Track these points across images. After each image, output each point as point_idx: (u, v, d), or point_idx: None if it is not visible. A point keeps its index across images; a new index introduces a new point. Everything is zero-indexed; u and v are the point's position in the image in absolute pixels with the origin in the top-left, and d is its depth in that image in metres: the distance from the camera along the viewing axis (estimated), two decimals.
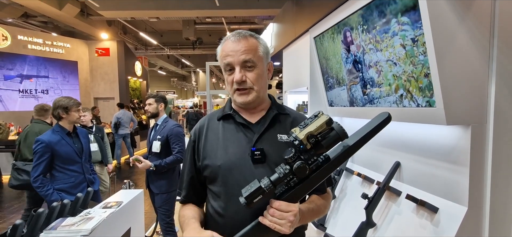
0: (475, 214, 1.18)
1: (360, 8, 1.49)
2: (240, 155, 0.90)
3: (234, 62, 0.88)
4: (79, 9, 7.76)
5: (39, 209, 1.56)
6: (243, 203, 0.74)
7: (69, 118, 2.38)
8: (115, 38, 9.61)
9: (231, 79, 0.91)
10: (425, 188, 1.40)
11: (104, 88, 9.35)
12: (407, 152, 1.52)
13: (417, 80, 1.23)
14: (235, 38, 0.90)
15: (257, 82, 0.91)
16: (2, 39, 7.34)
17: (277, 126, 0.95)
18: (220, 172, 0.91)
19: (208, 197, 0.98)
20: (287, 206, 0.76)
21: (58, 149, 2.31)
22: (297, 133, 0.74)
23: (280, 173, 0.75)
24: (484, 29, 1.12)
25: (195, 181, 0.99)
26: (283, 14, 3.60)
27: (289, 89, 3.46)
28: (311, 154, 0.75)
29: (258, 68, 0.90)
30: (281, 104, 1.04)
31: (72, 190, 2.38)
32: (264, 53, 0.93)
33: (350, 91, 1.78)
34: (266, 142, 0.91)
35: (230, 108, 1.00)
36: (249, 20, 9.57)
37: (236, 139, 0.93)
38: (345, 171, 2.05)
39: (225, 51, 0.90)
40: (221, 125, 0.98)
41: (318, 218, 1.00)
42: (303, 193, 0.79)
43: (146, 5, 7.39)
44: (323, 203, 0.97)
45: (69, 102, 2.37)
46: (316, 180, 0.78)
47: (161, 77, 21.62)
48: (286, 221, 0.76)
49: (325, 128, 0.73)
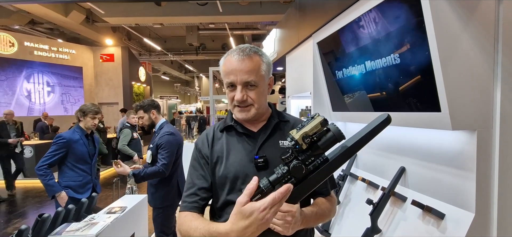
0: (483, 220, 1.16)
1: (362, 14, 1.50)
2: (244, 163, 0.92)
3: (236, 82, 0.89)
4: (84, 15, 7.89)
5: (45, 214, 1.57)
6: None
7: (84, 122, 2.58)
8: (120, 44, 9.73)
9: (232, 96, 0.92)
10: (431, 194, 1.38)
11: (108, 93, 9.44)
12: (412, 157, 1.51)
13: (422, 85, 1.22)
14: (239, 57, 0.89)
15: (258, 100, 0.92)
16: (9, 46, 7.47)
17: (278, 133, 0.97)
18: (225, 181, 0.92)
19: (213, 206, 0.98)
20: (285, 206, 0.77)
21: (75, 147, 2.49)
22: (293, 134, 0.75)
23: (278, 173, 0.76)
24: (488, 34, 1.12)
25: (202, 190, 0.98)
26: (286, 19, 3.62)
27: (292, 94, 3.47)
28: (307, 155, 0.75)
29: (260, 87, 0.91)
30: (281, 112, 1.06)
31: (79, 189, 2.50)
32: (266, 71, 0.93)
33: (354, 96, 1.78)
34: (269, 149, 0.93)
35: (231, 119, 1.01)
36: (252, 25, 9.62)
37: (240, 148, 0.95)
38: (350, 176, 2.04)
39: (228, 69, 0.90)
40: (224, 136, 0.99)
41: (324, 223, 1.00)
42: (303, 194, 0.80)
43: (150, 11, 7.49)
44: (327, 207, 0.97)
45: (88, 109, 2.58)
46: (315, 181, 0.78)
47: (165, 82, 21.77)
48: (284, 222, 0.77)
49: (320, 129, 0.74)
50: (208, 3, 7.20)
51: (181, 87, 20.69)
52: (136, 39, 11.36)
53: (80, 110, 2.60)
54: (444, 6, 1.09)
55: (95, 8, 7.01)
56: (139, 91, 10.82)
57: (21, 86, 7.85)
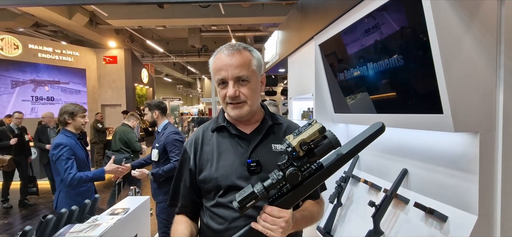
0: (486, 223, 1.16)
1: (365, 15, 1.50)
2: (236, 166, 0.90)
3: (228, 77, 0.88)
4: (88, 18, 7.96)
5: (48, 215, 1.58)
6: (236, 208, 0.75)
7: (74, 123, 2.42)
8: (123, 46, 9.79)
9: (224, 93, 0.90)
10: (433, 196, 1.38)
11: (111, 95, 9.49)
12: (415, 159, 1.51)
13: (424, 86, 1.22)
14: (228, 52, 0.89)
15: (251, 96, 0.90)
16: (13, 48, 7.54)
17: (271, 136, 0.95)
18: (216, 183, 0.91)
19: (204, 209, 0.97)
20: (279, 211, 0.77)
21: (76, 152, 2.34)
22: (290, 140, 0.75)
23: (273, 179, 0.76)
24: (490, 35, 1.12)
25: (191, 193, 0.98)
26: (288, 21, 3.63)
27: (294, 95, 3.47)
28: (303, 161, 0.75)
29: (252, 82, 0.90)
30: (274, 114, 1.04)
31: (86, 194, 2.40)
32: (257, 67, 0.92)
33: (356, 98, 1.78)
34: (261, 152, 0.92)
35: (223, 119, 0.99)
36: (254, 27, 9.65)
37: (232, 150, 0.93)
38: (352, 178, 2.04)
39: (218, 65, 0.89)
40: (215, 137, 0.97)
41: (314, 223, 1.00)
42: (296, 200, 0.80)
43: (153, 13, 7.54)
44: (316, 209, 0.97)
45: (75, 108, 2.44)
46: (309, 187, 0.79)
47: (167, 84, 21.86)
48: (277, 227, 0.77)
49: (317, 136, 0.74)
50: (210, 5, 7.23)
51: (183, 88, 20.77)
52: (138, 41, 11.43)
53: (66, 112, 2.39)
54: (445, 7, 1.09)
55: (99, 10, 7.07)
56: (142, 92, 10.87)
57: (25, 87, 7.93)
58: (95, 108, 9.19)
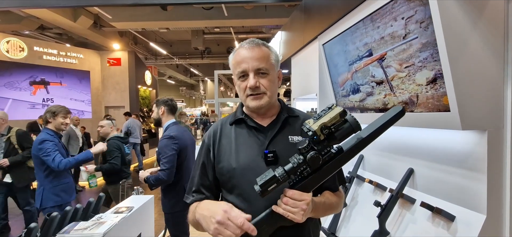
0: (494, 222, 1.14)
1: (368, 15, 1.49)
2: (253, 157, 0.93)
3: (248, 69, 0.92)
4: (92, 21, 8.02)
5: (53, 213, 1.59)
6: (258, 191, 0.75)
7: (55, 122, 2.49)
8: (126, 49, 9.86)
9: (244, 86, 0.94)
10: (440, 196, 1.36)
11: (115, 97, 9.54)
12: (421, 158, 1.49)
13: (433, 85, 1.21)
14: (249, 46, 0.94)
15: (270, 88, 0.94)
16: (19, 50, 7.63)
17: (288, 128, 0.98)
18: (234, 174, 0.93)
19: (223, 196, 0.99)
20: (300, 195, 0.78)
21: (58, 150, 2.44)
22: (311, 124, 0.75)
23: (294, 163, 0.77)
24: (498, 32, 1.11)
25: (211, 185, 1.00)
26: (291, 22, 3.63)
27: (298, 96, 3.47)
28: (324, 145, 0.76)
29: (270, 75, 0.94)
30: (290, 107, 1.07)
31: (69, 191, 2.51)
32: (275, 61, 0.97)
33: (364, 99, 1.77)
34: (278, 144, 0.94)
35: (241, 113, 1.02)
36: (257, 29, 9.68)
37: (249, 142, 0.96)
38: (357, 178, 2.02)
39: (238, 59, 0.94)
40: (233, 129, 1.00)
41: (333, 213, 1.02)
42: (316, 183, 0.81)
43: (157, 16, 7.59)
44: (335, 200, 0.98)
45: (58, 108, 2.52)
46: (329, 171, 0.79)
47: (170, 86, 21.95)
48: (299, 210, 0.78)
49: (338, 120, 0.75)
50: (213, 7, 7.26)
51: (187, 90, 20.84)
52: (142, 43, 11.50)
53: (49, 111, 2.48)
54: (452, 5, 1.08)
55: (103, 13, 7.13)
56: (145, 94, 10.92)
57: (30, 89, 8.00)
58: (99, 110, 9.25)
